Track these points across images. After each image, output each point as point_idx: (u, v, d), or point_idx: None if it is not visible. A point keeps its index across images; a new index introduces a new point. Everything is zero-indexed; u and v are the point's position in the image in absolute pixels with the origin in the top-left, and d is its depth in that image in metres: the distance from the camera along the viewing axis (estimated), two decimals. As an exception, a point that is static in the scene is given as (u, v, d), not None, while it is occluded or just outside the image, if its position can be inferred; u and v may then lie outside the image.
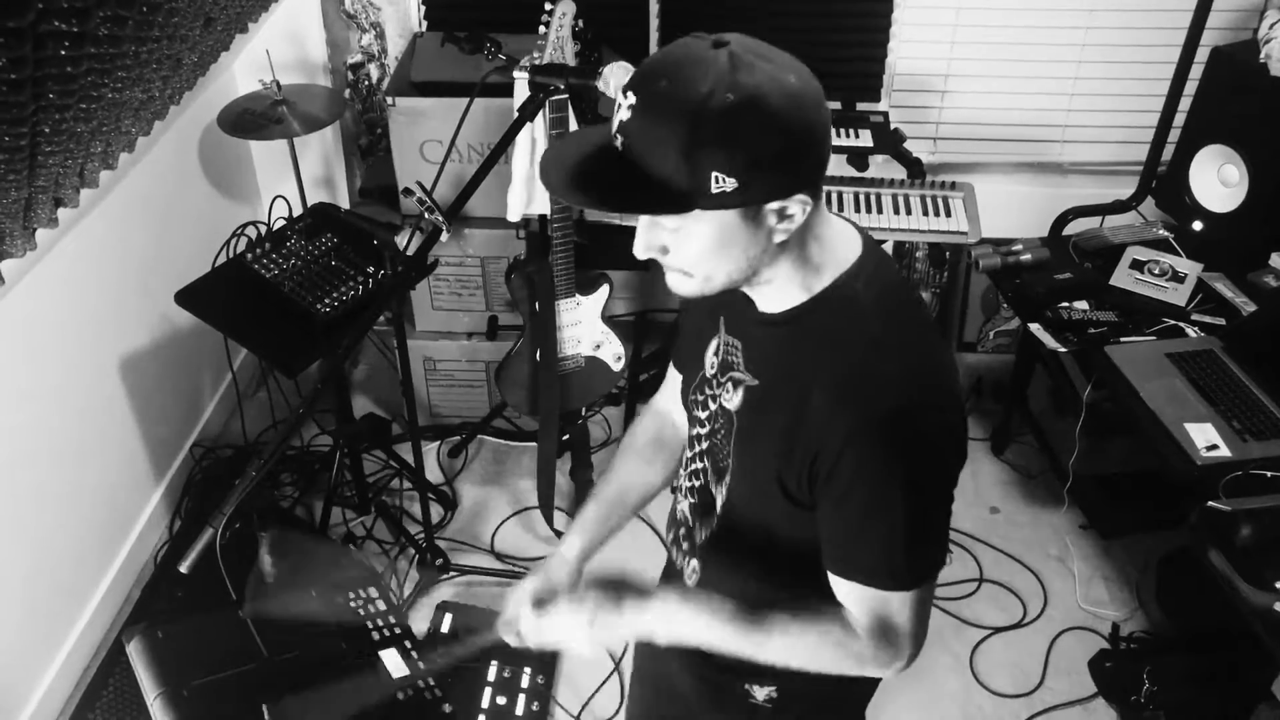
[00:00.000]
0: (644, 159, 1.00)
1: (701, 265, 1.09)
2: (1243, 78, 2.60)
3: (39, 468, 2.33)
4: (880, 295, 1.15)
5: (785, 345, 1.18)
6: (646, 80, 1.00)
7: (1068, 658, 2.57)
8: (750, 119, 0.97)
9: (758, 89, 0.97)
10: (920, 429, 1.10)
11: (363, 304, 2.35)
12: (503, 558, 2.83)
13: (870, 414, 1.08)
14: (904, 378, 1.11)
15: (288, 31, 3.07)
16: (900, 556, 1.14)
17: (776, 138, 0.99)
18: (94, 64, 1.27)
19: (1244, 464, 2.15)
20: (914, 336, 1.17)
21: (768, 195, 1.02)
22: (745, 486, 1.26)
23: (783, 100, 0.98)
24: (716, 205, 1.01)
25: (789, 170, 1.01)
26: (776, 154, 1.00)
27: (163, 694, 1.35)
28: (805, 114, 1.01)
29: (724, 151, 0.97)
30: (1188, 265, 2.70)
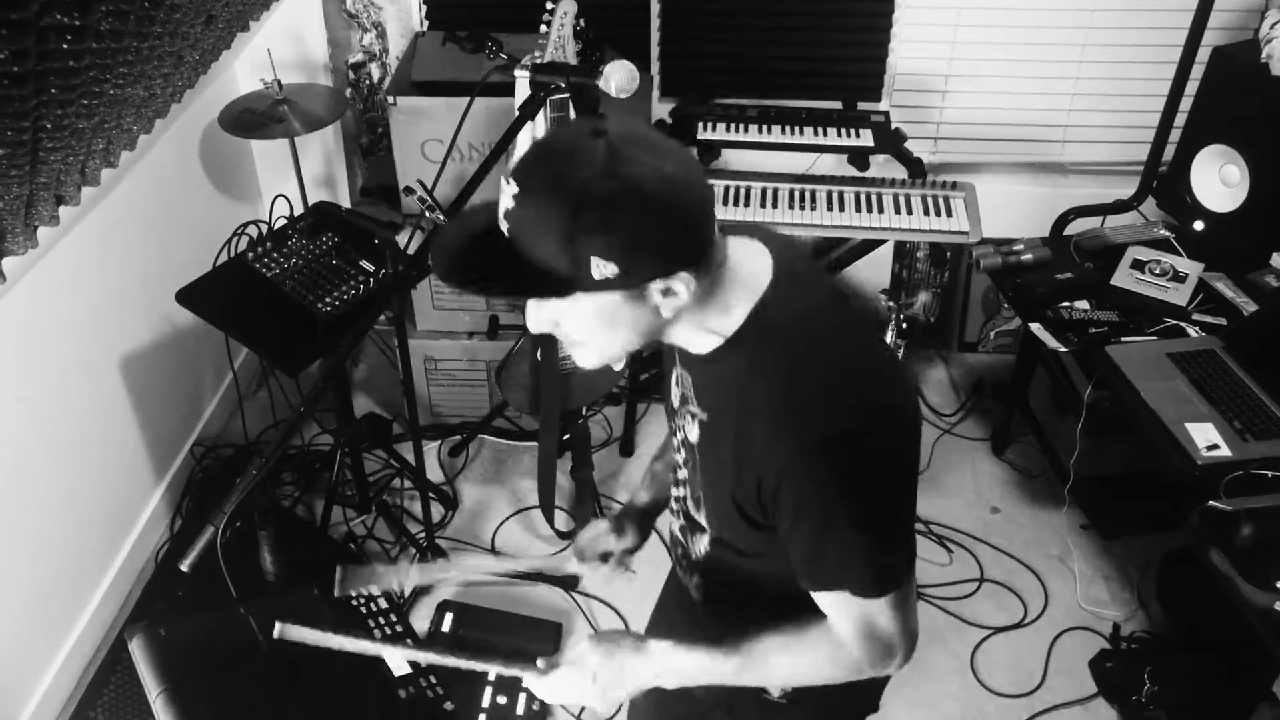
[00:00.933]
0: (526, 245, 1.02)
1: (593, 341, 1.12)
2: (1244, 78, 2.60)
3: (40, 466, 2.33)
4: (799, 320, 1.15)
5: (719, 381, 1.20)
6: (527, 169, 1.03)
7: (1068, 658, 2.57)
8: (627, 205, 0.99)
9: (633, 177, 0.99)
10: (853, 452, 1.10)
11: (364, 303, 2.35)
12: (504, 557, 2.83)
13: (800, 443, 1.09)
14: (828, 403, 1.11)
15: (289, 30, 3.07)
16: (862, 569, 1.14)
17: (654, 222, 1.01)
18: (96, 59, 1.27)
19: (1245, 464, 2.14)
20: (837, 357, 1.16)
21: (649, 276, 1.04)
22: (715, 515, 1.28)
23: (659, 186, 1.00)
24: (598, 289, 1.03)
25: (668, 252, 1.04)
26: (655, 238, 1.02)
27: (164, 691, 1.36)
28: (682, 197, 1.03)
29: (603, 237, 0.99)
30: (1189, 265, 2.70)
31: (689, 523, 1.37)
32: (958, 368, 3.49)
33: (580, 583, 2.75)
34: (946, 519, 2.91)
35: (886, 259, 3.38)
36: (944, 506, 2.96)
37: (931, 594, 2.71)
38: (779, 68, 3.18)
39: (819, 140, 2.97)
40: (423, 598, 2.67)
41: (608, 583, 1.39)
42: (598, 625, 2.65)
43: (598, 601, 2.71)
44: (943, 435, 3.22)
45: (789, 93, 3.18)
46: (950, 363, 3.51)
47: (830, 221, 2.77)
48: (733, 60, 3.20)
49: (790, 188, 2.85)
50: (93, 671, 2.44)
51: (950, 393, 3.39)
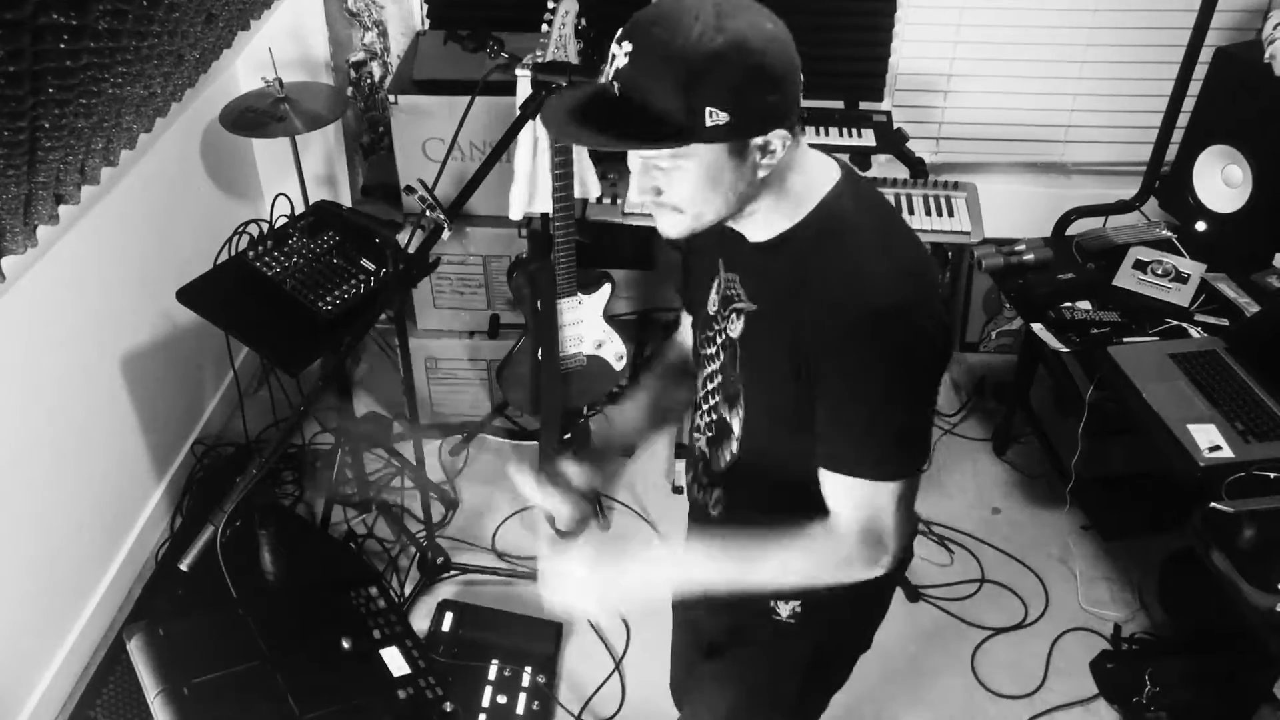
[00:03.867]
0: (642, 100, 1.09)
1: (693, 202, 1.18)
2: (1246, 78, 2.60)
3: (40, 465, 2.33)
4: (865, 207, 1.24)
5: (778, 267, 1.26)
6: (641, 29, 1.10)
7: (1069, 659, 2.56)
8: (737, 58, 1.07)
9: (740, 32, 1.07)
10: (910, 324, 1.16)
11: (364, 302, 2.35)
12: (504, 556, 2.83)
13: (863, 310, 1.16)
14: (894, 276, 1.18)
15: (290, 29, 3.07)
16: (884, 447, 1.21)
17: (759, 74, 1.09)
18: (94, 58, 1.27)
19: (1247, 465, 2.14)
20: (901, 240, 1.24)
21: (754, 129, 1.12)
22: (758, 409, 1.33)
23: (763, 42, 1.09)
24: (710, 138, 1.10)
25: (770, 105, 1.11)
26: (760, 89, 1.10)
27: (163, 691, 1.35)
28: (782, 54, 1.11)
29: (716, 87, 1.07)
30: (1191, 266, 2.70)
31: (718, 429, 1.40)
32: (959, 368, 3.48)
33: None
34: (947, 519, 2.91)
35: (888, 259, 3.37)
36: (945, 507, 2.96)
37: (932, 594, 2.71)
38: (780, 67, 3.17)
39: (820, 140, 2.96)
40: (422, 597, 2.67)
41: (581, 548, 1.34)
42: (598, 625, 2.65)
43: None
44: (944, 435, 3.21)
45: (790, 92, 3.17)
46: (952, 363, 3.51)
47: (832, 221, 2.76)
48: (734, 59, 3.19)
49: (792, 187, 2.84)
50: (92, 671, 2.44)
51: (952, 393, 3.38)
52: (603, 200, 2.74)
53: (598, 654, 2.57)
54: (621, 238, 2.95)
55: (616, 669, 2.53)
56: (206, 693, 1.38)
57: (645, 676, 2.51)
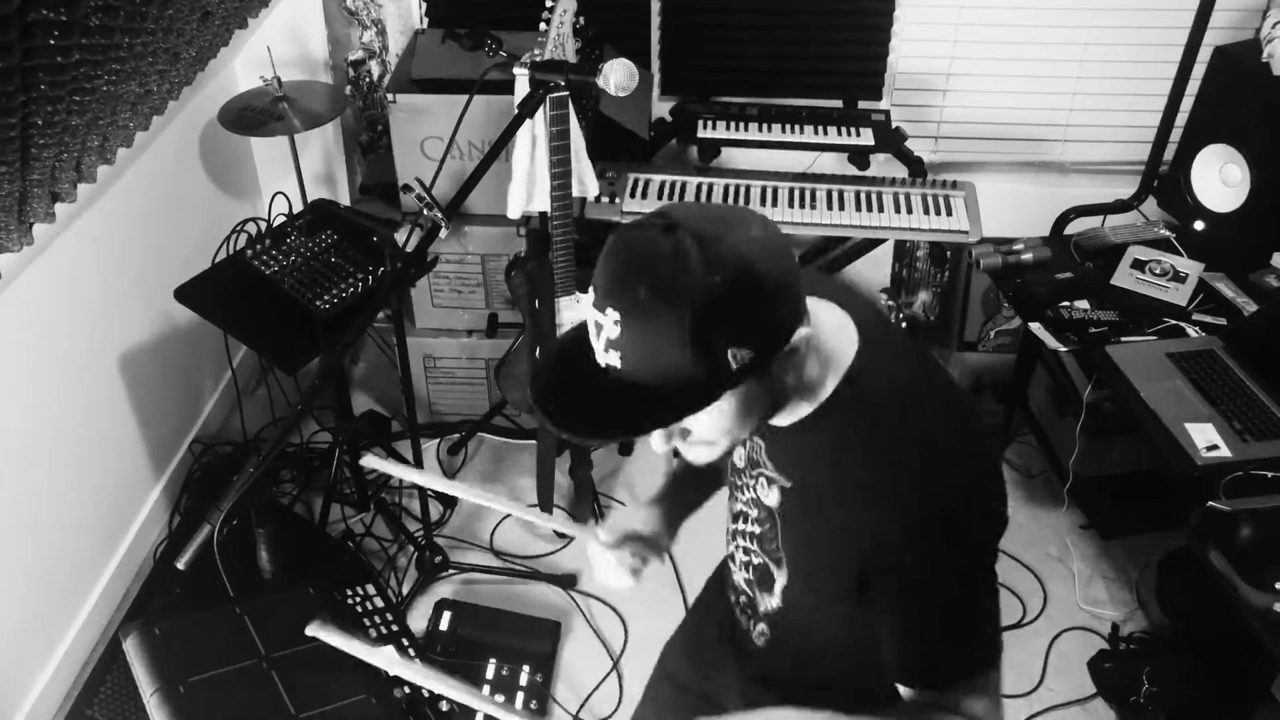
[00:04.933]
0: (649, 368, 0.97)
1: (729, 433, 1.07)
2: (1245, 77, 2.59)
3: (38, 464, 2.33)
4: (892, 391, 1.12)
5: (808, 450, 1.16)
6: (622, 291, 0.97)
7: (1067, 658, 2.56)
8: (744, 289, 0.96)
9: (735, 256, 0.96)
10: (957, 532, 1.07)
11: (362, 301, 2.35)
12: (502, 556, 2.83)
13: (922, 514, 1.06)
14: (945, 472, 1.08)
15: (289, 28, 3.07)
16: (961, 649, 1.13)
17: (771, 293, 0.99)
18: (86, 55, 1.26)
19: (1244, 464, 2.14)
20: (937, 430, 1.12)
21: (780, 346, 1.01)
22: (800, 582, 1.25)
23: (759, 256, 0.98)
24: (739, 381, 0.99)
25: (788, 316, 1.01)
26: (775, 307, 0.99)
27: (159, 690, 1.35)
28: (779, 255, 1.00)
29: (734, 328, 0.96)
30: (1189, 265, 2.70)
31: (760, 575, 1.33)
32: (957, 367, 3.48)
33: (578, 582, 2.76)
34: (946, 519, 2.90)
35: (887, 258, 3.37)
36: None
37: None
38: (779, 66, 3.17)
39: (819, 139, 2.97)
40: (420, 597, 2.67)
41: (617, 571, 1.36)
42: (596, 624, 2.65)
43: (596, 600, 2.70)
44: (942, 435, 3.21)
45: (789, 91, 3.17)
46: (950, 362, 3.50)
47: (830, 220, 2.77)
48: (733, 58, 3.19)
49: (790, 186, 2.85)
50: (90, 669, 2.44)
51: (950, 392, 3.38)
52: (601, 199, 2.75)
53: (595, 653, 2.57)
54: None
55: (614, 668, 2.53)
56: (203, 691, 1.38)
57: (643, 675, 2.50)
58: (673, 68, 3.22)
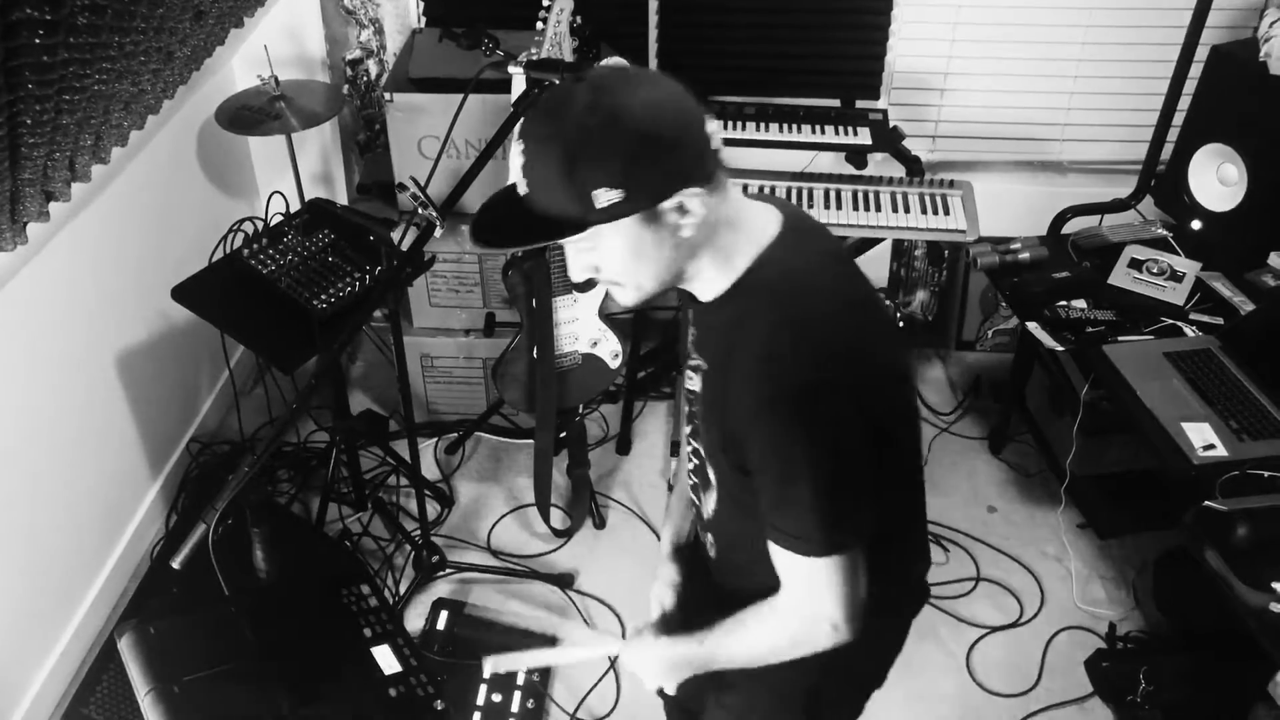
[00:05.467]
0: (538, 195, 1.10)
1: (627, 274, 1.18)
2: (1242, 76, 2.59)
3: (35, 463, 2.33)
4: (791, 273, 1.20)
5: (717, 330, 1.25)
6: (528, 124, 1.13)
7: (1064, 657, 2.56)
8: (614, 132, 1.06)
9: (614, 105, 1.07)
10: (828, 408, 1.13)
11: (359, 300, 2.35)
12: (499, 555, 2.83)
13: (773, 392, 1.14)
14: (800, 355, 1.15)
15: (286, 27, 3.07)
16: (814, 525, 1.17)
17: (643, 142, 1.07)
18: (74, 54, 1.25)
19: (1241, 463, 2.14)
20: (834, 309, 1.20)
21: (656, 196, 1.10)
22: (714, 466, 1.33)
23: (642, 109, 1.08)
24: (610, 217, 1.09)
25: (667, 169, 1.09)
26: (648, 157, 1.08)
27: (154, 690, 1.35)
28: (672, 115, 1.10)
29: (598, 167, 1.06)
30: (1186, 264, 2.69)
31: (700, 478, 1.40)
32: (955, 367, 3.48)
33: (575, 581, 2.76)
34: (943, 518, 2.91)
35: (885, 257, 3.37)
36: (941, 505, 2.95)
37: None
38: (777, 65, 3.18)
39: (817, 138, 2.96)
40: (417, 596, 2.67)
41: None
42: (593, 622, 2.65)
43: (593, 599, 2.70)
44: (940, 434, 3.21)
45: (787, 90, 3.17)
46: (948, 362, 3.50)
47: (827, 220, 2.76)
48: (731, 57, 3.19)
49: (787, 185, 2.85)
50: (87, 668, 2.44)
51: (948, 392, 3.38)
52: (598, 198, 2.74)
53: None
54: (617, 236, 2.94)
55: (611, 668, 2.53)
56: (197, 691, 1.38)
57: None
58: (670, 67, 3.22)
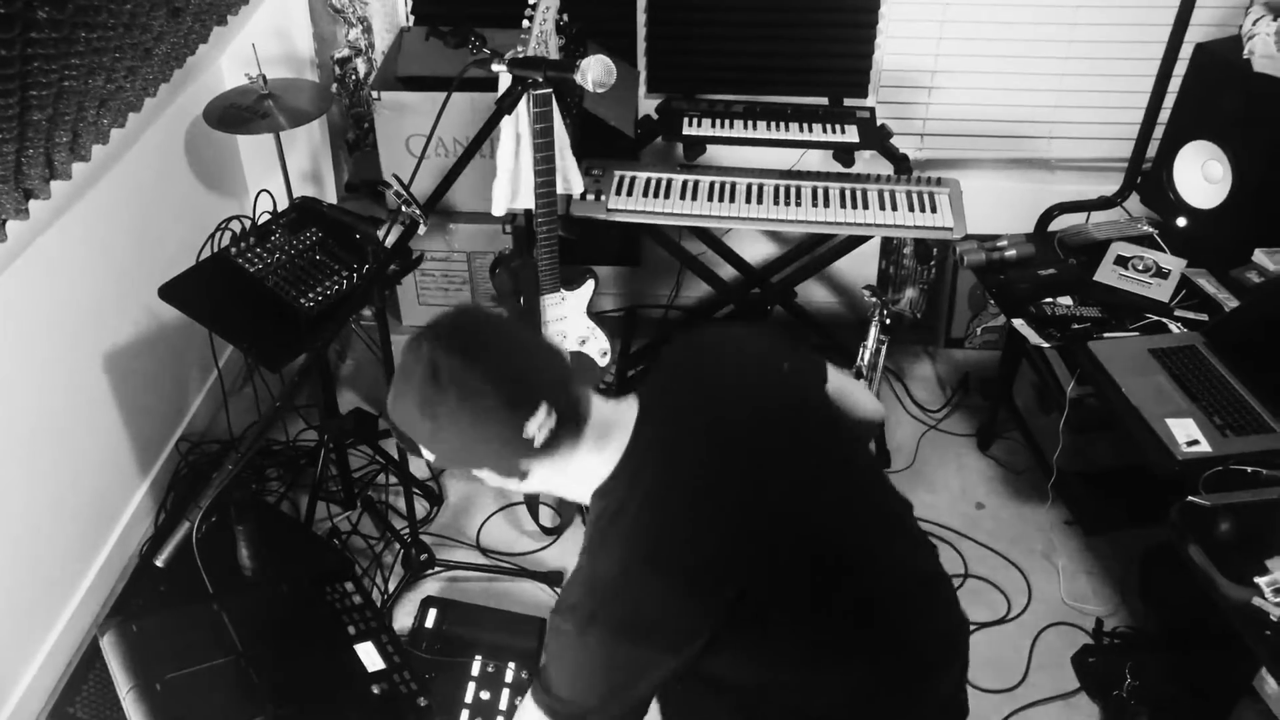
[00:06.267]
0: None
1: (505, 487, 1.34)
2: (1226, 74, 2.60)
3: (21, 463, 2.33)
4: (616, 509, 1.28)
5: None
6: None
7: (1051, 653, 2.57)
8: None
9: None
10: (574, 629, 1.23)
11: (346, 298, 2.35)
12: (488, 553, 2.83)
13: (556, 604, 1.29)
14: (583, 583, 1.26)
15: (274, 26, 3.07)
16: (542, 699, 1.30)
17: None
18: (37, 49, 1.24)
19: (1224, 459, 2.15)
20: (619, 546, 1.26)
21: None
22: None
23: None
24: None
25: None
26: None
27: (135, 688, 1.35)
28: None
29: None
30: (1171, 261, 2.71)
31: None
32: (944, 364, 3.49)
33: (564, 578, 2.76)
34: (931, 514, 2.91)
35: (874, 255, 3.38)
36: (929, 502, 2.96)
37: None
38: (765, 63, 3.18)
39: (804, 136, 2.97)
40: (406, 594, 2.67)
41: None
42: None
43: (582, 597, 2.71)
44: (928, 431, 3.22)
45: (775, 88, 3.18)
46: (937, 359, 3.51)
47: (815, 217, 2.77)
48: (719, 55, 3.20)
49: (776, 184, 2.85)
50: (74, 667, 2.43)
51: (936, 389, 3.39)
52: (586, 196, 2.75)
53: None
54: (606, 234, 2.95)
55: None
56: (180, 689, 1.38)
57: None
58: (658, 65, 3.22)
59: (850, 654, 1.34)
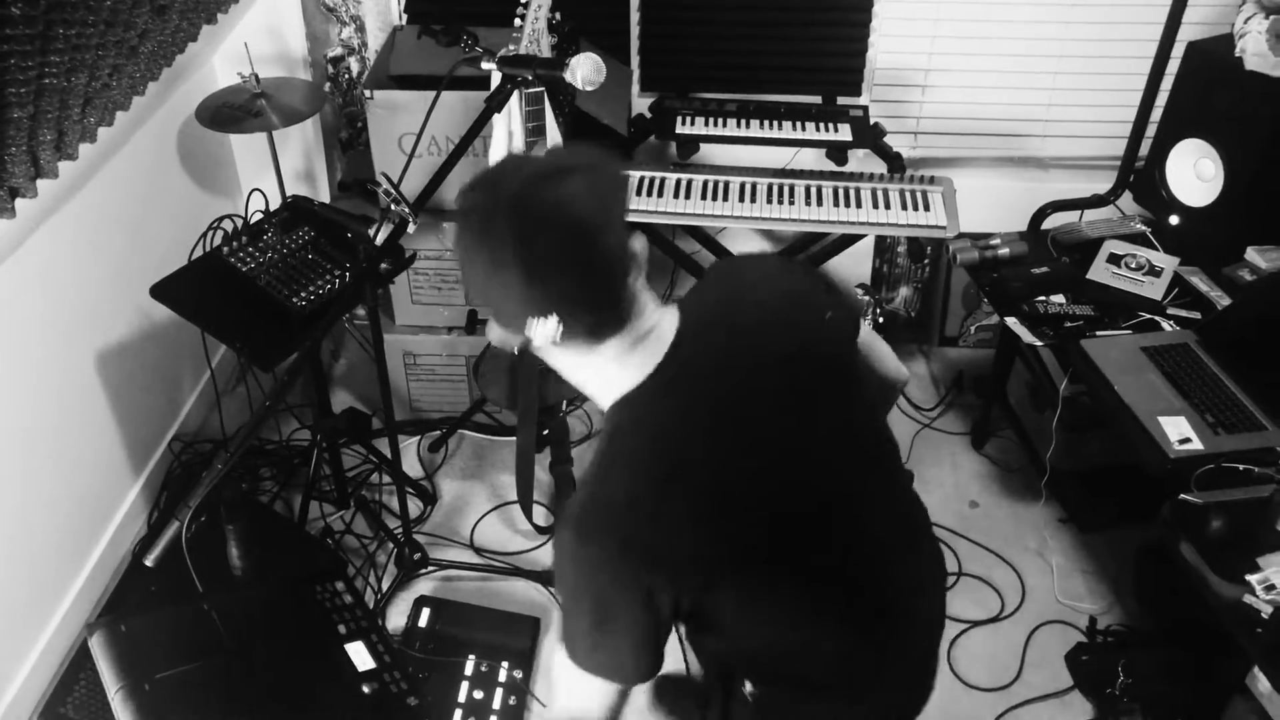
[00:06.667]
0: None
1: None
2: (1218, 72, 2.60)
3: (15, 462, 2.32)
4: (630, 422, 1.25)
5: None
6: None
7: (1045, 651, 2.57)
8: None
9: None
10: (578, 547, 1.20)
11: (338, 297, 2.34)
12: (482, 552, 2.83)
13: (564, 520, 1.24)
14: (590, 501, 1.22)
15: (267, 25, 3.06)
16: (571, 640, 1.27)
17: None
18: (13, 45, 1.24)
19: (1216, 457, 2.15)
20: (629, 467, 1.23)
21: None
22: None
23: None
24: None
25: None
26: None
27: (124, 688, 1.35)
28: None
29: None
30: (1164, 259, 2.71)
31: None
32: (938, 362, 3.49)
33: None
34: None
35: (868, 253, 3.38)
36: (923, 501, 2.95)
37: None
38: (758, 62, 3.18)
39: (798, 135, 2.97)
40: (400, 593, 2.67)
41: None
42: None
43: (575, 596, 2.70)
44: (922, 429, 3.22)
45: (768, 87, 3.17)
46: (931, 357, 3.52)
47: (808, 216, 2.77)
48: (712, 54, 3.19)
49: (769, 182, 2.85)
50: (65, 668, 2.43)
51: (930, 387, 3.39)
52: (579, 195, 2.74)
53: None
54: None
55: (593, 664, 2.53)
56: (168, 688, 1.37)
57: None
58: (651, 63, 3.22)
59: (833, 615, 1.35)
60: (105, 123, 1.97)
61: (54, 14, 1.26)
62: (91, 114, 1.80)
